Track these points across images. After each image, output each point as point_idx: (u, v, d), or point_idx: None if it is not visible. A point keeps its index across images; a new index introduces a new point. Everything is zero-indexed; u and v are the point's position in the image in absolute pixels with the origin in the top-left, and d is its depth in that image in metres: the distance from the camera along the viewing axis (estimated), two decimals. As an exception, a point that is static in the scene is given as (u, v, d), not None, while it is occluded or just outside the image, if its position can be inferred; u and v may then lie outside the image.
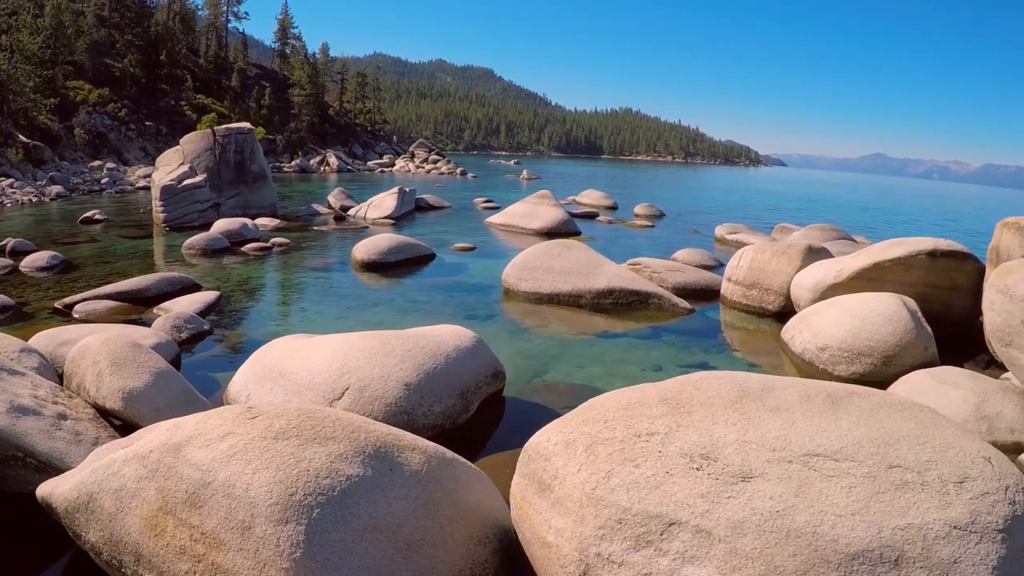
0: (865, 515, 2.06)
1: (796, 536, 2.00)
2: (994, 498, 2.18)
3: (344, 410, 3.93)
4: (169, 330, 6.30)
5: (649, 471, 2.15)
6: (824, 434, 2.29)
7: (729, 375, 2.67)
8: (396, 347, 4.15)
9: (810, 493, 2.09)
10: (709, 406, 2.39)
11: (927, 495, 2.15)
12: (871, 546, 2.00)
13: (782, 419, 2.34)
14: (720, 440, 2.23)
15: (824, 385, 2.66)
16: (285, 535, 1.97)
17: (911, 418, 2.48)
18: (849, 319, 6.39)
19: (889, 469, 2.20)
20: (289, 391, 4.14)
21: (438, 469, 2.46)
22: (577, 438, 2.28)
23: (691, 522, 2.04)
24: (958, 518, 2.10)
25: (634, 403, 2.39)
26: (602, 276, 8.05)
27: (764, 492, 2.09)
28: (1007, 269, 5.84)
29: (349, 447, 2.26)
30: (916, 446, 2.31)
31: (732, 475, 2.13)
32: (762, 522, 2.03)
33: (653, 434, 2.25)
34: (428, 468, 2.41)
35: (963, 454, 2.31)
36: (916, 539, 2.03)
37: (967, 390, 5.34)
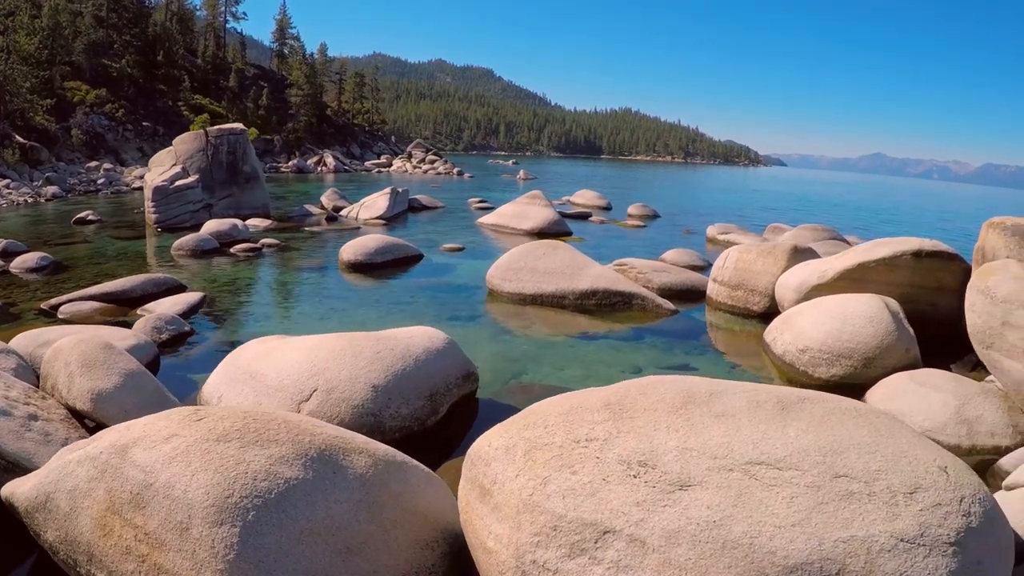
0: (806, 526, 1.99)
1: (732, 547, 1.94)
2: (946, 510, 2.11)
3: (312, 411, 3.94)
4: (149, 331, 6.30)
5: (586, 478, 2.11)
6: (769, 442, 2.23)
7: (677, 379, 2.61)
8: (365, 349, 4.15)
9: (749, 503, 2.04)
10: (652, 412, 2.34)
11: (873, 506, 2.08)
12: (810, 559, 1.93)
13: (727, 426, 2.29)
14: (660, 447, 2.18)
15: (775, 390, 2.61)
16: (220, 537, 1.97)
17: (865, 425, 2.41)
18: (829, 320, 6.34)
19: (835, 479, 2.13)
20: (259, 393, 4.14)
21: (385, 472, 2.46)
22: (517, 443, 2.25)
23: (625, 531, 2.00)
24: (906, 530, 2.03)
25: (576, 408, 2.35)
26: (586, 277, 8.05)
27: (702, 501, 2.04)
28: (988, 270, 5.77)
29: (291, 450, 2.26)
30: (866, 455, 2.24)
31: (670, 483, 2.08)
32: (698, 532, 1.98)
33: (592, 440, 2.21)
34: (374, 471, 2.41)
35: (916, 463, 2.25)
36: (859, 552, 1.95)
37: (947, 393, 5.29)
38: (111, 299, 7.74)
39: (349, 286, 9.17)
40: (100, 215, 14.71)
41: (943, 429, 5.03)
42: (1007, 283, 5.42)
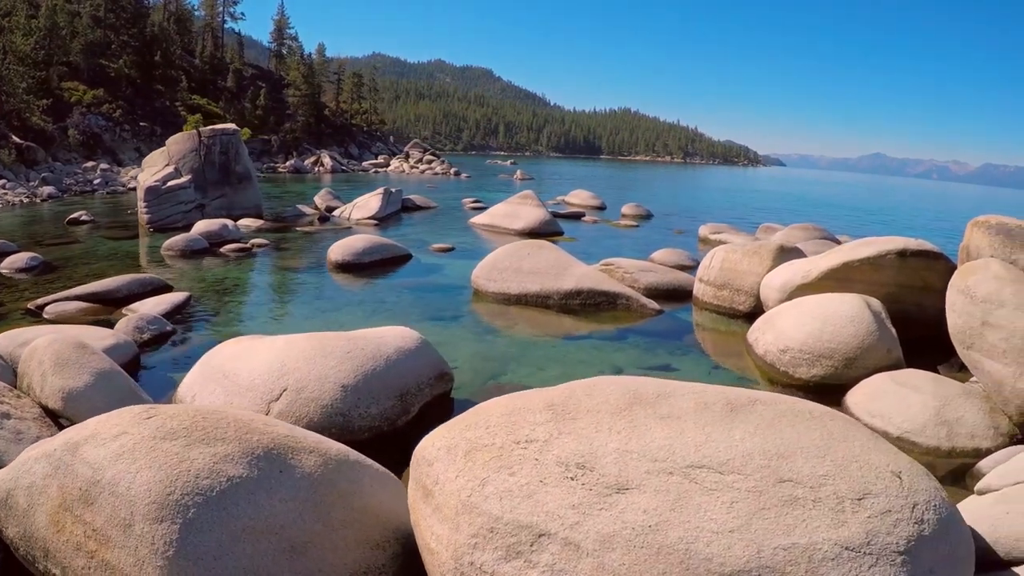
0: (744, 532, 1.93)
1: (667, 553, 1.89)
2: (897, 517, 2.05)
3: (281, 411, 3.95)
4: (131, 331, 6.31)
5: (524, 479, 2.08)
6: (712, 444, 2.18)
7: (625, 380, 2.58)
8: (335, 349, 4.16)
9: (687, 507, 1.98)
10: (596, 413, 2.30)
11: (818, 512, 2.01)
12: (748, 566, 1.87)
13: (671, 428, 2.24)
14: (600, 449, 2.14)
15: (726, 392, 2.57)
16: (160, 533, 1.99)
17: (817, 429, 2.35)
18: (810, 321, 6.30)
19: (779, 483, 2.07)
20: (231, 392, 4.15)
21: (336, 472, 2.46)
22: (458, 443, 2.24)
23: (560, 534, 1.96)
24: (851, 538, 1.96)
25: (519, 408, 2.32)
26: (570, 277, 8.05)
27: (638, 505, 1.99)
28: (969, 269, 5.76)
29: (237, 448, 2.27)
30: (814, 459, 2.19)
31: (607, 486, 2.04)
32: (633, 537, 1.93)
33: (532, 441, 2.18)
34: (324, 471, 2.42)
35: (867, 468, 2.19)
36: (800, 560, 1.89)
37: (928, 394, 5.27)
38: (97, 299, 7.75)
39: (336, 286, 9.18)
40: (93, 215, 14.73)
41: (922, 431, 5.01)
42: (987, 282, 5.41)
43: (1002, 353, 5.08)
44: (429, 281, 9.50)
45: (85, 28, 33.57)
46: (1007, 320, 5.09)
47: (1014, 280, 5.38)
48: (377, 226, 15.03)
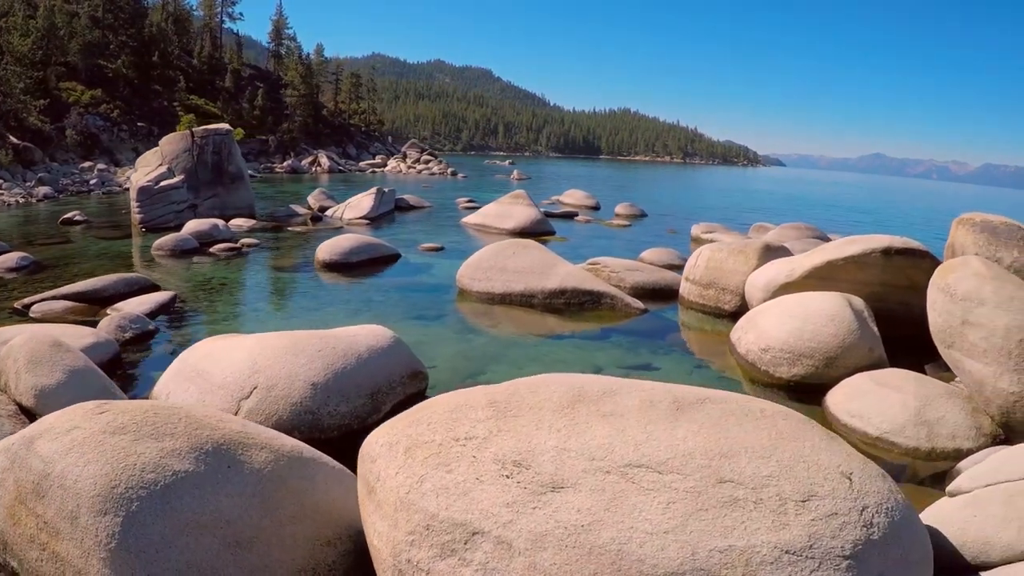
0: (680, 534, 1.88)
1: (599, 553, 1.85)
2: (843, 520, 1.99)
3: (251, 409, 3.96)
4: (112, 330, 6.34)
5: (460, 477, 2.06)
6: (653, 443, 2.13)
7: (571, 378, 2.55)
8: (307, 347, 4.18)
9: (622, 507, 1.93)
10: (538, 410, 2.27)
11: (759, 514, 1.95)
12: (681, 569, 1.83)
13: (612, 426, 2.19)
14: (538, 447, 2.10)
15: (677, 390, 2.52)
16: (103, 526, 2.01)
17: (766, 428, 2.31)
18: (791, 320, 6.28)
19: (719, 484, 2.02)
20: (203, 390, 4.17)
21: (287, 469, 2.48)
22: (400, 440, 2.23)
23: (493, 532, 1.93)
24: (793, 541, 1.90)
25: (462, 405, 2.31)
26: (555, 276, 8.06)
27: (572, 504, 1.95)
28: (949, 267, 5.68)
29: (185, 444, 2.29)
30: (758, 459, 2.13)
31: (542, 484, 2.00)
32: (565, 536, 1.89)
33: (471, 438, 2.16)
34: (274, 467, 2.43)
35: (815, 469, 2.13)
36: (736, 563, 1.83)
37: (908, 394, 5.22)
38: (83, 298, 7.78)
39: (322, 285, 9.20)
40: (87, 215, 14.77)
41: (901, 431, 4.97)
42: (967, 280, 5.33)
43: (982, 352, 5.04)
44: (415, 281, 9.52)
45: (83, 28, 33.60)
46: (987, 318, 5.04)
47: (995, 277, 5.30)
48: (369, 226, 15.05)
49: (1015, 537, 2.84)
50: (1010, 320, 4.93)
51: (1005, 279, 5.32)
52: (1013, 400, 4.85)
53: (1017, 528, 2.86)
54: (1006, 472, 3.36)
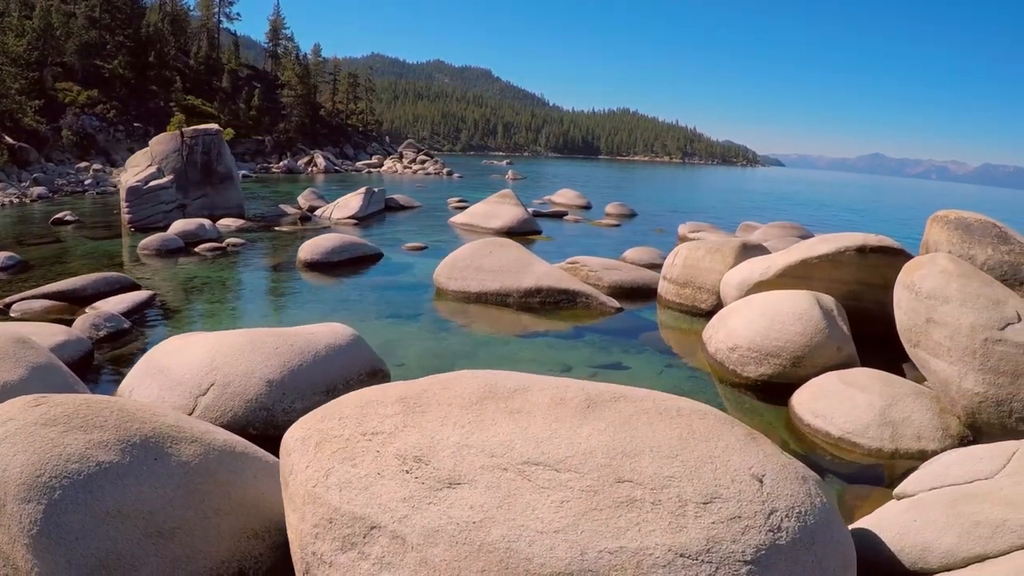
0: (570, 533, 1.84)
1: (488, 551, 1.82)
2: (746, 524, 1.93)
3: (207, 405, 4.02)
4: (87, 328, 6.41)
5: (364, 471, 2.06)
6: (554, 441, 2.09)
7: (486, 374, 2.54)
8: (265, 344, 4.24)
9: (516, 505, 1.91)
10: (446, 406, 2.26)
11: (656, 516, 1.90)
12: (569, 569, 1.79)
13: (517, 423, 2.16)
14: (440, 442, 2.09)
15: (590, 386, 2.48)
16: (27, 513, 2.07)
17: (678, 427, 2.24)
18: (759, 318, 6.24)
19: (617, 484, 1.97)
20: (163, 387, 4.23)
21: (216, 462, 2.53)
22: (312, 434, 2.25)
23: (389, 527, 1.93)
24: (688, 545, 1.85)
25: (373, 401, 2.32)
26: (530, 275, 8.11)
27: (467, 500, 1.93)
28: (915, 264, 5.59)
29: (113, 436, 2.35)
30: (662, 459, 2.06)
31: (439, 480, 1.99)
32: (457, 532, 1.87)
33: (378, 433, 2.16)
34: (202, 460, 2.49)
35: (723, 471, 2.07)
36: (626, 566, 1.79)
37: (874, 393, 5.14)
38: (63, 297, 7.85)
39: (301, 285, 9.26)
40: (78, 215, 14.86)
41: (864, 432, 4.91)
42: (932, 278, 5.21)
43: (947, 351, 4.97)
44: (395, 280, 9.58)
45: (80, 29, 33.68)
46: (952, 317, 4.96)
47: (961, 275, 5.17)
48: (357, 225, 15.11)
49: (955, 544, 2.78)
50: (975, 318, 4.86)
51: (972, 276, 5.22)
52: (978, 401, 4.79)
53: (957, 534, 2.79)
54: (953, 475, 3.34)
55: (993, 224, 6.82)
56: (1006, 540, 2.72)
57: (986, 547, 2.74)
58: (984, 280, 5.22)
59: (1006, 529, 2.75)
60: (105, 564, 2.09)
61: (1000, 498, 2.93)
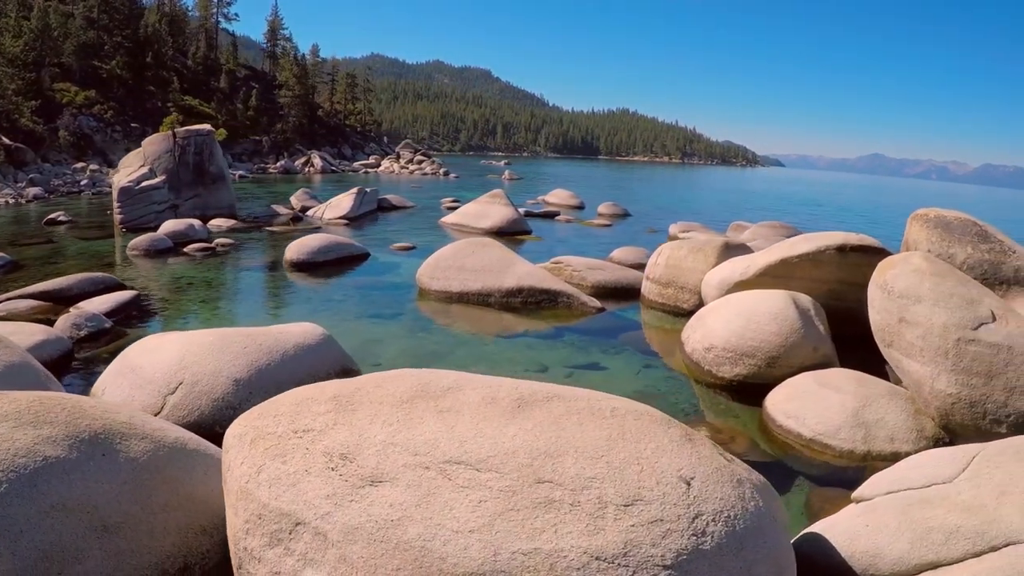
0: (485, 533, 1.83)
1: (404, 549, 1.83)
2: (667, 527, 1.88)
3: (175, 404, 4.07)
4: (68, 328, 6.46)
5: (293, 468, 2.08)
6: (478, 440, 2.07)
7: (422, 373, 2.54)
8: (233, 344, 4.29)
9: (434, 504, 1.90)
10: (377, 404, 2.25)
11: (574, 517, 1.87)
12: (482, 570, 1.77)
13: (444, 422, 2.15)
14: (367, 440, 2.09)
15: (524, 386, 2.45)
16: (-27, 506, 2.10)
17: (608, 428, 2.19)
18: (735, 318, 6.19)
19: (536, 484, 1.94)
20: (134, 386, 4.28)
21: (165, 459, 2.58)
22: (248, 431, 2.27)
23: (312, 523, 1.95)
24: (605, 547, 1.81)
25: (308, 399, 2.32)
26: (512, 275, 8.15)
27: (387, 498, 1.93)
28: (888, 263, 5.51)
29: (63, 432, 2.40)
30: (587, 460, 2.02)
31: (362, 478, 1.99)
32: (375, 530, 1.87)
33: (309, 431, 2.17)
34: (151, 457, 2.54)
35: (649, 472, 2.02)
36: (540, 567, 1.77)
37: (848, 394, 5.07)
38: (48, 297, 7.90)
39: (286, 285, 9.32)
40: (72, 216, 14.93)
41: (836, 433, 4.85)
42: (905, 277, 5.14)
43: (919, 351, 4.91)
44: (380, 280, 9.63)
45: (78, 29, 33.77)
46: (924, 316, 4.90)
47: (935, 273, 5.09)
48: (348, 225, 15.16)
49: (906, 550, 2.70)
50: (947, 318, 4.78)
51: (946, 275, 5.11)
52: (951, 402, 4.74)
53: (909, 541, 2.72)
54: (911, 479, 3.24)
55: (973, 223, 6.77)
56: (959, 547, 2.66)
57: (939, 554, 2.67)
58: (959, 279, 5.15)
59: (960, 536, 2.68)
60: (49, 556, 2.14)
61: (955, 504, 2.86)
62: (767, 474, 4.40)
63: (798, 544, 2.85)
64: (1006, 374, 4.63)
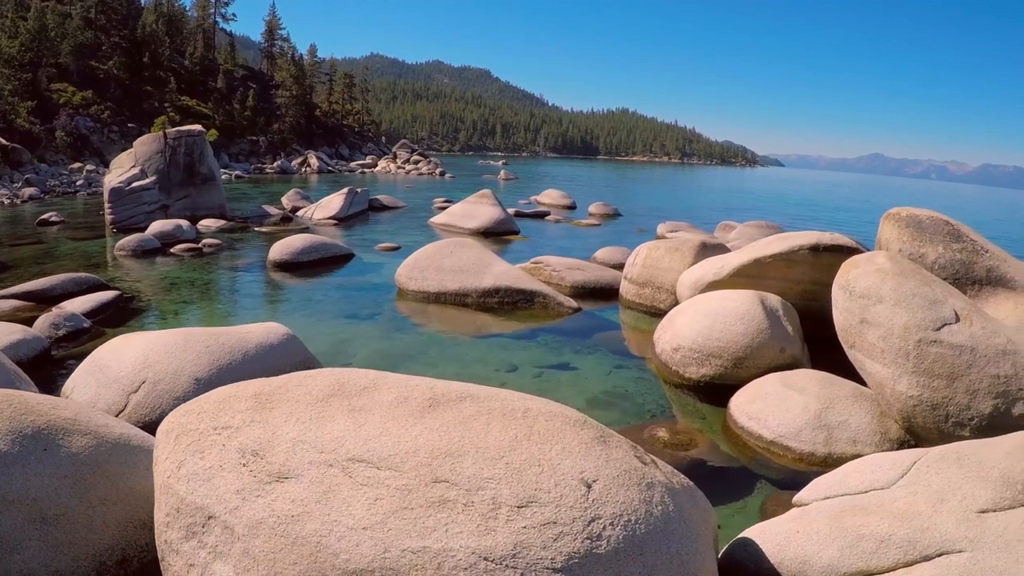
0: (377, 531, 1.85)
1: (301, 544, 1.87)
2: (560, 530, 1.87)
3: (138, 402, 4.16)
4: (46, 328, 6.57)
5: (209, 463, 2.14)
6: (383, 439, 2.09)
7: (342, 372, 2.57)
8: (196, 343, 4.38)
9: (333, 500, 1.93)
10: (294, 403, 2.28)
11: (466, 517, 1.87)
12: (372, 566, 1.80)
13: (354, 420, 2.18)
14: (279, 437, 2.13)
15: (440, 386, 2.46)
16: (-86, 498, 2.20)
17: (516, 429, 2.18)
18: (702, 318, 6.19)
19: (433, 483, 1.95)
20: (100, 384, 4.38)
21: (108, 454, 2.68)
22: (173, 428, 2.34)
23: (222, 517, 2.01)
24: (493, 548, 1.80)
25: (231, 396, 2.38)
26: (489, 275, 8.22)
27: (290, 494, 1.97)
28: (851, 263, 5.41)
29: (6, 426, 2.51)
30: (486, 460, 2.02)
31: (270, 474, 2.04)
32: (276, 525, 1.92)
33: (227, 428, 2.22)
34: (93, 452, 2.64)
35: (548, 474, 2.01)
36: (427, 566, 1.78)
37: (812, 396, 5.01)
38: (32, 297, 8.01)
39: (269, 284, 9.42)
40: (64, 216, 15.04)
41: (796, 435, 4.80)
42: (867, 277, 5.07)
43: (880, 353, 4.83)
44: (361, 280, 9.72)
45: (75, 30, 33.87)
46: (885, 317, 4.83)
47: (897, 273, 5.00)
48: (337, 226, 15.26)
49: (836, 558, 2.63)
50: (908, 318, 4.71)
51: (909, 275, 5.02)
52: (912, 404, 4.68)
53: (839, 548, 2.64)
54: (850, 484, 3.18)
55: (945, 221, 6.68)
56: (890, 556, 2.58)
57: (868, 563, 2.59)
58: (923, 279, 5.08)
59: (891, 544, 2.60)
60: (-13, 546, 2.24)
61: (890, 511, 2.79)
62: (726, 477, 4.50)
63: (730, 549, 2.84)
64: (969, 376, 4.57)
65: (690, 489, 2.47)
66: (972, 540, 2.53)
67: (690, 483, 2.55)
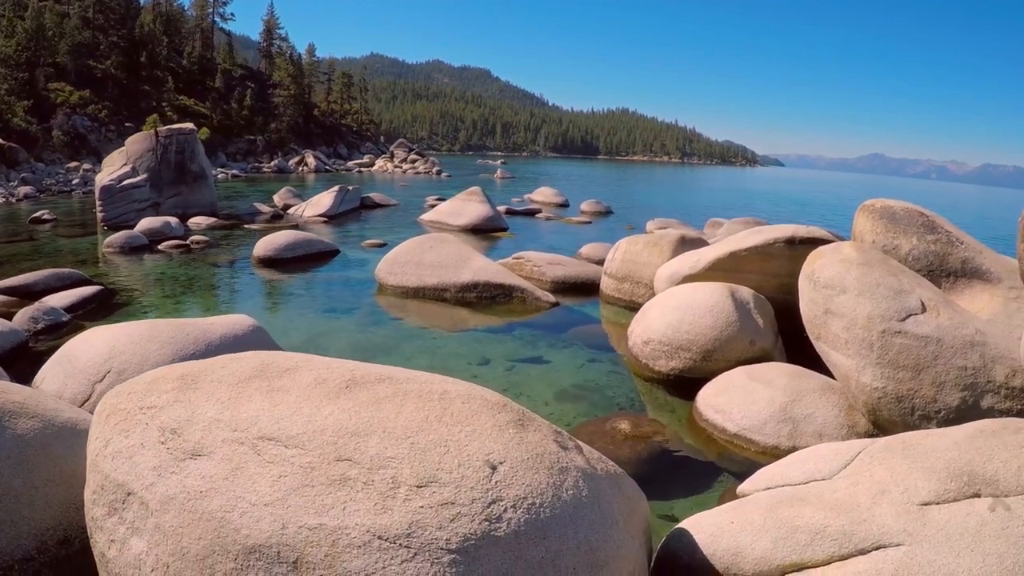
0: (278, 507, 1.89)
1: (206, 520, 1.92)
2: (457, 511, 1.86)
3: (102, 391, 4.24)
4: (25, 321, 6.66)
5: (132, 441, 2.18)
6: (294, 418, 2.12)
7: (267, 355, 2.62)
8: (161, 334, 4.46)
9: (240, 477, 1.97)
10: (218, 384, 2.33)
11: (364, 496, 1.88)
12: (270, 542, 1.84)
13: (271, 400, 2.21)
14: (197, 416, 2.18)
15: (361, 368, 2.47)
16: None
17: (428, 410, 2.19)
18: (672, 311, 6.20)
19: (336, 462, 1.97)
20: (68, 375, 4.46)
21: (54, 437, 2.75)
22: (105, 408, 2.38)
23: (139, 494, 2.06)
24: (389, 527, 1.81)
25: (159, 377, 2.43)
26: (468, 270, 8.28)
27: (201, 471, 2.02)
28: (817, 254, 5.34)
29: (-48, 411, 2.56)
30: (392, 440, 2.03)
31: (185, 451, 2.09)
32: (186, 501, 1.97)
33: (151, 408, 2.26)
34: (38, 434, 2.71)
35: (452, 456, 2.00)
36: (322, 543, 1.81)
37: (778, 389, 4.98)
38: (14, 292, 8.11)
39: (252, 280, 9.50)
40: (57, 214, 15.15)
41: (761, 428, 4.77)
42: (832, 267, 4.99)
43: (844, 343, 4.75)
44: (343, 276, 9.80)
45: (73, 29, 33.98)
46: (848, 307, 4.75)
47: (862, 264, 4.92)
48: (327, 223, 15.34)
49: (769, 549, 2.58)
50: (872, 309, 4.64)
51: (875, 265, 4.94)
52: (877, 396, 4.60)
53: (772, 539, 2.60)
54: (791, 475, 3.14)
55: (920, 213, 6.56)
56: (824, 549, 2.53)
57: (802, 555, 2.55)
58: (888, 269, 5.00)
59: (825, 537, 2.55)
60: (-74, 524, 2.31)
61: (827, 502, 2.73)
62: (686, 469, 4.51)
63: (667, 540, 2.84)
64: (935, 367, 4.49)
65: (616, 476, 2.44)
66: (911, 533, 2.47)
67: (619, 470, 2.53)
